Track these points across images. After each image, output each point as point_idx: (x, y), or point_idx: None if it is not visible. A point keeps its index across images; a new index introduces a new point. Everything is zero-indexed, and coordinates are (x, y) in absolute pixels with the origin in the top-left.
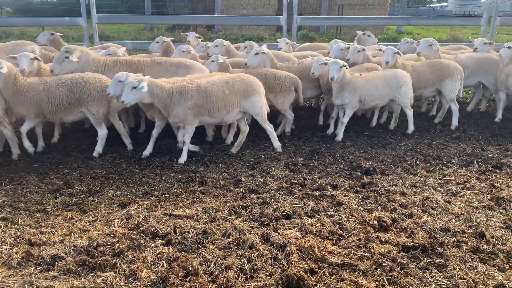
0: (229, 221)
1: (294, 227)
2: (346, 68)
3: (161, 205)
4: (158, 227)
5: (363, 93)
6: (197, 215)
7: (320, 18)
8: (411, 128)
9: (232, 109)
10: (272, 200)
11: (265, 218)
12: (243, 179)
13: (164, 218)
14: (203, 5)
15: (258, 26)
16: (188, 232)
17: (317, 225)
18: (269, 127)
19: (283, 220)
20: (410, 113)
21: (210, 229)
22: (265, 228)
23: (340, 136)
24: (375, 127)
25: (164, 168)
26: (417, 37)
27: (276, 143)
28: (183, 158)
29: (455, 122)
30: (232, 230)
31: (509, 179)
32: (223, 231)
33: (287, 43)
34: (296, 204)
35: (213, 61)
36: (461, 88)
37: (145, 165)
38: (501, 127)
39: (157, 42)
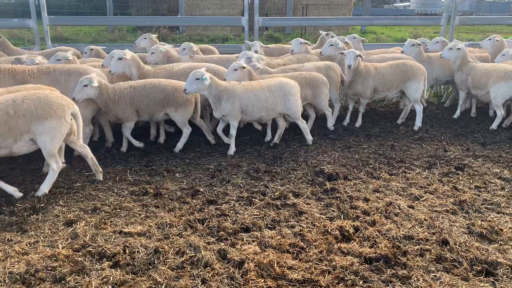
0: (183, 237)
1: (253, 241)
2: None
3: (111, 222)
4: (106, 247)
5: (243, 102)
6: (150, 232)
7: (283, 19)
8: (309, 138)
9: (21, 135)
10: (231, 211)
11: (222, 232)
12: (201, 190)
13: (113, 236)
14: (167, 5)
15: (223, 27)
16: (138, 251)
17: (277, 237)
18: (83, 149)
19: (242, 234)
20: (303, 125)
21: (162, 248)
22: (223, 244)
23: (231, 150)
24: (339, 129)
25: (117, 180)
26: (381, 37)
27: (98, 176)
28: None
29: (418, 123)
30: (186, 248)
31: (471, 181)
32: (177, 249)
33: (262, 46)
34: (256, 215)
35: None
36: (425, 89)
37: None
38: (462, 126)
39: (85, 52)
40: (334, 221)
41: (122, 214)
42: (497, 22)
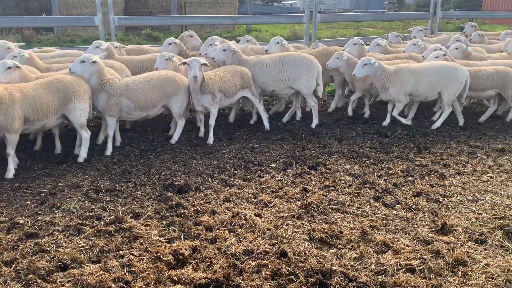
0: None
1: (69, 281)
2: None
3: None
4: None
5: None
6: None
7: (141, 18)
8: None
9: None
10: (53, 245)
11: (31, 276)
12: (21, 221)
13: None
14: (38, 5)
15: (97, 27)
16: None
17: (100, 273)
18: None
19: (57, 274)
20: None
21: None
22: None
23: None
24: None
25: None
26: (266, 35)
27: None
28: None
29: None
30: None
31: (322, 179)
32: None
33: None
34: (82, 247)
35: None
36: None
37: None
38: (321, 122)
39: None
40: (172, 243)
41: None
42: (357, 19)
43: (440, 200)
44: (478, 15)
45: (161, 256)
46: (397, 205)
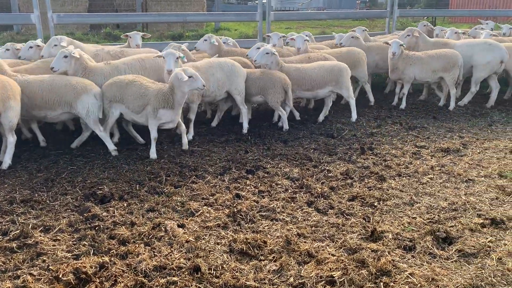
0: None
1: None
2: None
3: None
4: None
5: None
6: None
7: (81, 15)
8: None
9: None
10: None
11: None
12: None
13: None
14: None
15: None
16: None
17: None
18: None
19: None
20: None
21: None
22: None
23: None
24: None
25: None
26: (234, 33)
27: None
28: None
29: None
30: None
31: (258, 184)
32: None
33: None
34: None
35: None
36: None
37: None
38: (270, 124)
39: None
40: (78, 260)
41: None
42: (311, 17)
43: (375, 204)
44: (438, 13)
45: (61, 276)
46: (329, 210)
